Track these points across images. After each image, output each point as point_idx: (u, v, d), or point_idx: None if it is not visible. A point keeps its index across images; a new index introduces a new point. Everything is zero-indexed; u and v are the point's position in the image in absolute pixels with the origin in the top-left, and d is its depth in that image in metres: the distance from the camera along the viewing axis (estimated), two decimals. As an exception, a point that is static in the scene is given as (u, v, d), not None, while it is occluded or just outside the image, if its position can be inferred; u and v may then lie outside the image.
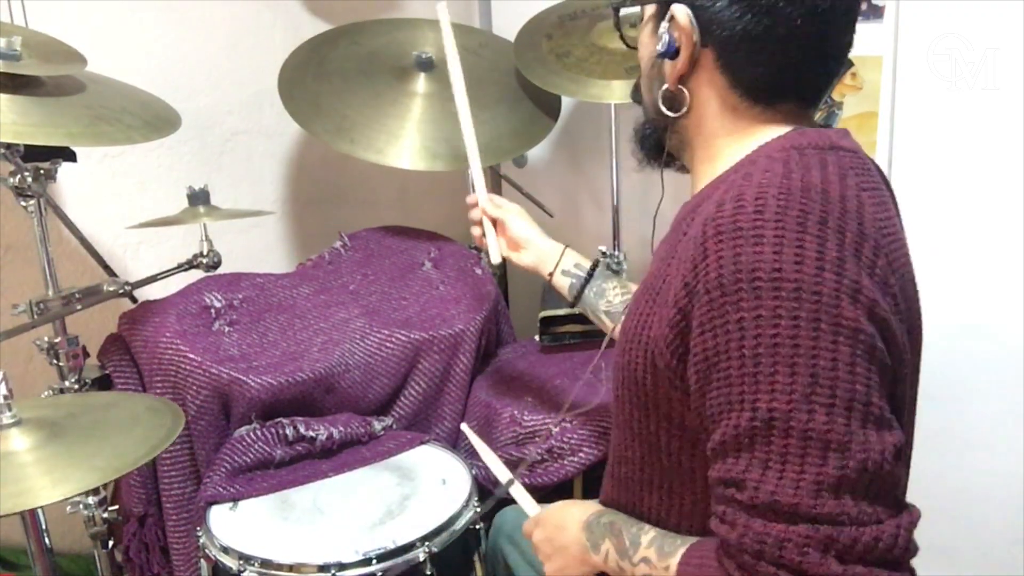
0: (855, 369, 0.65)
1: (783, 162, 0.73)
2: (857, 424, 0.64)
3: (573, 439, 1.45)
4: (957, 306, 1.55)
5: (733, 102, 0.81)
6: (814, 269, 0.65)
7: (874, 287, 0.67)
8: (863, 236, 0.68)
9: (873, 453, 0.64)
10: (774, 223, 0.67)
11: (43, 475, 0.95)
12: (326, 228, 1.91)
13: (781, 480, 0.65)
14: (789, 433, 0.65)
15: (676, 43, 0.80)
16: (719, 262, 0.68)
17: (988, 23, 1.42)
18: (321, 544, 1.23)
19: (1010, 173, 1.45)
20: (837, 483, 0.64)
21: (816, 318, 0.65)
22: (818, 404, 0.64)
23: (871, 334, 0.66)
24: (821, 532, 0.63)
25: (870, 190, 0.74)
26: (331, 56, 1.78)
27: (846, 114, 1.63)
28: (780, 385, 0.65)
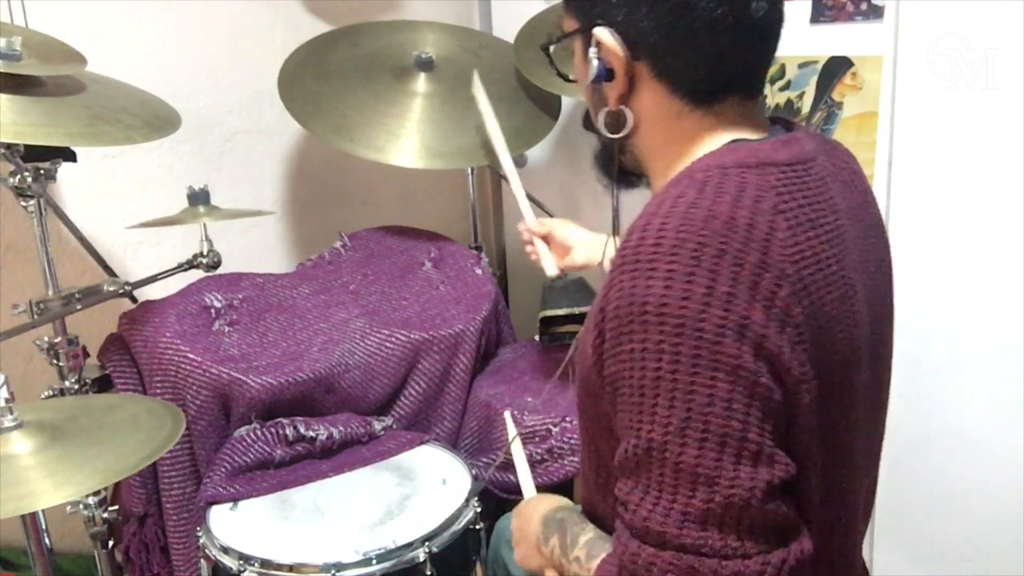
0: (732, 406, 0.66)
1: (700, 185, 0.73)
2: (729, 460, 0.66)
3: (573, 439, 1.45)
4: (957, 306, 1.55)
5: (676, 108, 0.81)
6: (700, 305, 0.66)
7: (768, 321, 0.67)
8: (764, 266, 0.68)
9: (741, 489, 0.65)
10: (669, 256, 0.68)
11: (45, 478, 0.95)
12: (326, 228, 1.91)
13: (655, 507, 0.67)
14: (664, 463, 0.67)
15: (607, 65, 0.81)
16: (619, 292, 0.70)
17: (988, 23, 1.41)
18: (321, 544, 1.23)
19: (1010, 173, 1.45)
20: (703, 515, 0.66)
21: (696, 355, 0.66)
22: (691, 438, 0.66)
23: (754, 370, 0.67)
24: (683, 560, 0.66)
25: (791, 211, 0.73)
26: (331, 56, 1.78)
27: (846, 114, 1.63)
28: (659, 417, 0.67)
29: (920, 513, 1.66)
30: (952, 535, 1.64)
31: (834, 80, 1.63)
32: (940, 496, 1.64)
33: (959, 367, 1.58)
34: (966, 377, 1.57)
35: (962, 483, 1.61)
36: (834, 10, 1.59)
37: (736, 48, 0.78)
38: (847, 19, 1.58)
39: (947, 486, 1.63)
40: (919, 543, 1.68)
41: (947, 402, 1.60)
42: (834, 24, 1.60)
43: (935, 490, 1.64)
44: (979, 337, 1.54)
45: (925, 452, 1.63)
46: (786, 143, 0.79)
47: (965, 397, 1.58)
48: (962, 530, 1.63)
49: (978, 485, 1.59)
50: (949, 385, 1.59)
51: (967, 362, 1.57)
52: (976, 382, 1.56)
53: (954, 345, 1.57)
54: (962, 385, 1.58)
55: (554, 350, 1.77)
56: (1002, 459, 1.55)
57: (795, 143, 0.80)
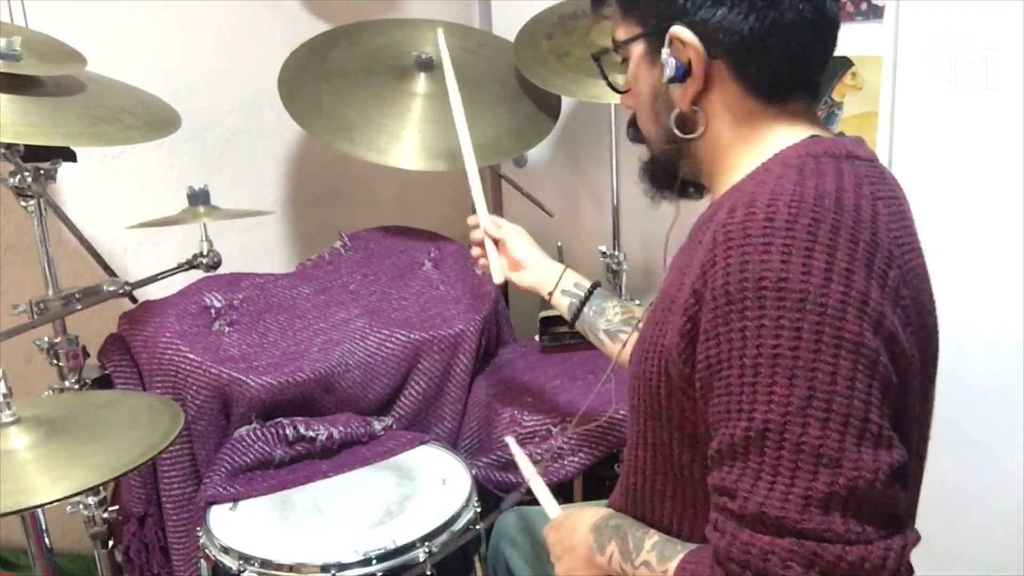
0: (855, 384, 0.64)
1: (798, 169, 0.72)
2: (852, 441, 0.64)
3: (573, 439, 1.45)
4: (957, 306, 1.55)
5: (749, 107, 0.81)
6: (821, 280, 0.65)
7: (883, 299, 0.66)
8: (876, 246, 0.68)
9: (865, 471, 0.64)
10: (784, 231, 0.66)
11: (42, 473, 0.95)
12: (326, 228, 1.91)
13: (771, 492, 0.65)
14: (782, 445, 0.64)
15: (684, 64, 0.80)
16: (726, 269, 0.68)
17: (988, 23, 1.42)
18: (321, 544, 1.23)
19: (1010, 173, 1.45)
20: (826, 499, 0.63)
21: (819, 331, 0.64)
22: (813, 418, 0.64)
23: (875, 349, 0.65)
24: (806, 547, 0.63)
25: (885, 199, 0.74)
26: (331, 57, 1.78)
27: (846, 114, 1.63)
28: (777, 396, 0.65)
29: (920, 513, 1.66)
30: (952, 535, 1.64)
31: (834, 80, 1.63)
32: (940, 496, 1.64)
33: (959, 366, 1.57)
34: (966, 377, 1.57)
35: (962, 483, 1.61)
36: (834, 10, 1.59)
37: (813, 45, 0.78)
38: (847, 19, 1.58)
39: (947, 486, 1.63)
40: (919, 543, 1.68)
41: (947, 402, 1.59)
42: (834, 24, 1.60)
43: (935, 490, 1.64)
44: (979, 337, 1.54)
45: (925, 452, 1.62)
46: (859, 142, 0.80)
47: (965, 397, 1.58)
48: (962, 530, 1.63)
49: (978, 485, 1.59)
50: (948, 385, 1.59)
51: (967, 362, 1.57)
52: (976, 382, 1.56)
53: (954, 345, 1.57)
54: (962, 385, 1.58)
55: (554, 350, 1.77)
56: (1002, 459, 1.55)
57: (865, 144, 0.80)
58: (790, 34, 0.76)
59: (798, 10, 0.75)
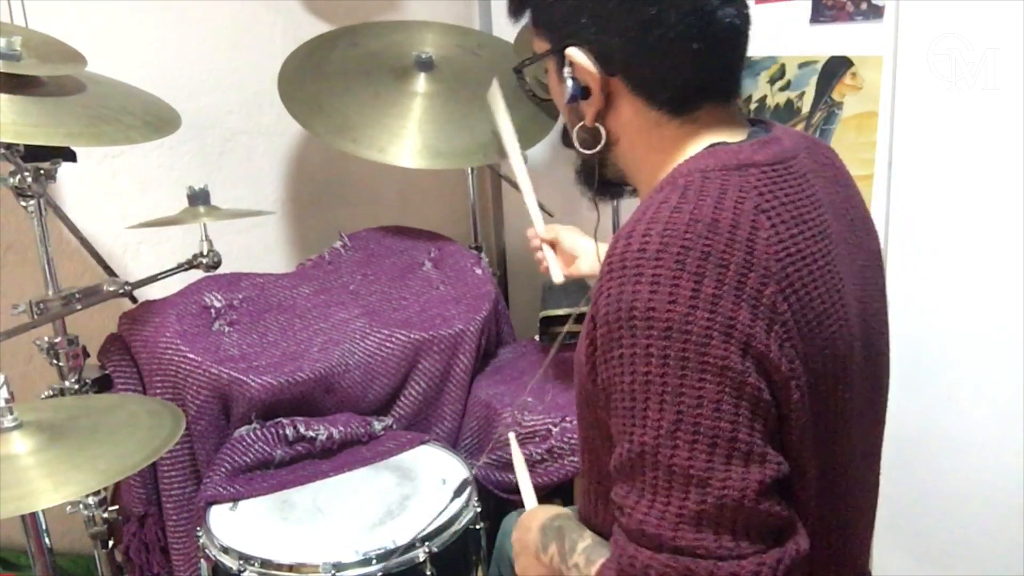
0: (721, 406, 0.67)
1: (682, 190, 0.74)
2: (720, 460, 0.66)
3: (573, 439, 1.45)
4: (957, 306, 1.55)
5: (655, 119, 0.82)
6: (687, 308, 0.67)
7: (755, 320, 0.68)
8: (750, 266, 0.69)
9: (732, 490, 0.66)
10: (654, 261, 0.69)
11: (44, 478, 0.95)
12: (326, 228, 1.91)
13: (650, 510, 0.68)
14: (657, 466, 0.68)
15: (582, 83, 0.82)
16: (607, 299, 0.71)
17: (988, 23, 1.41)
18: (321, 544, 1.23)
19: (1010, 173, 1.45)
20: (697, 517, 0.66)
21: (684, 357, 0.67)
22: (682, 440, 0.67)
23: (741, 371, 0.67)
24: (680, 562, 0.66)
25: (774, 209, 0.74)
26: (331, 57, 1.78)
27: (846, 114, 1.62)
28: (650, 420, 0.68)
29: (920, 513, 1.66)
30: (952, 535, 1.64)
31: (834, 80, 1.63)
32: (940, 496, 1.64)
33: (959, 367, 1.57)
34: (966, 377, 1.57)
35: (962, 483, 1.61)
36: (834, 10, 1.59)
37: (707, 56, 0.79)
38: (847, 19, 1.58)
39: (947, 486, 1.63)
40: (919, 543, 1.68)
41: (947, 402, 1.60)
42: (834, 24, 1.60)
43: (935, 490, 1.64)
44: (979, 337, 1.54)
45: (925, 452, 1.62)
46: (765, 143, 0.80)
47: (965, 397, 1.58)
48: (962, 530, 1.63)
49: (978, 485, 1.59)
50: (949, 385, 1.59)
51: (967, 362, 1.57)
52: (976, 382, 1.56)
53: (954, 345, 1.57)
54: (962, 385, 1.58)
55: (554, 350, 1.77)
56: (1002, 459, 1.55)
57: (774, 143, 0.81)
58: (679, 48, 0.77)
59: (685, 24, 0.76)
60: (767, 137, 0.81)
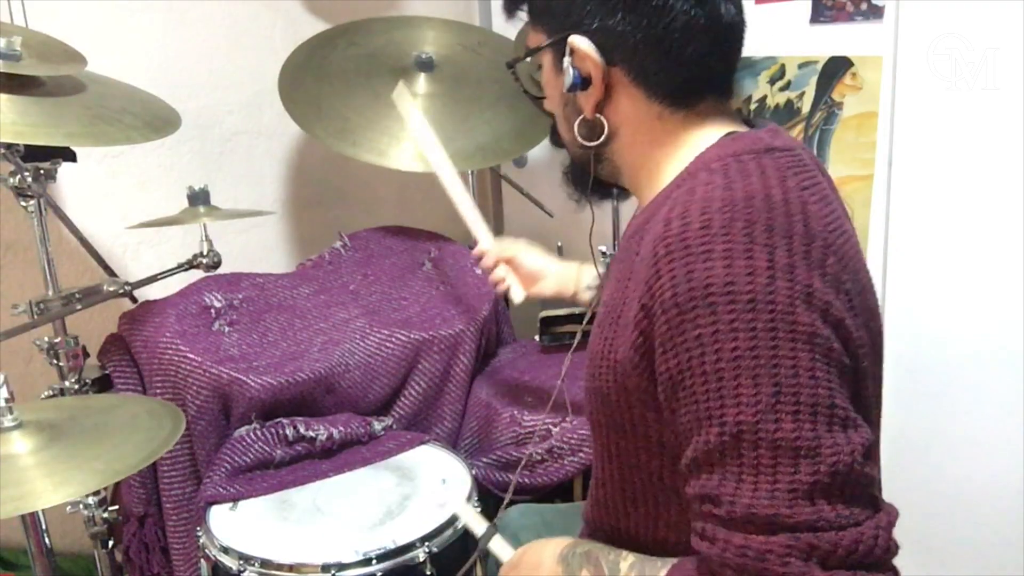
0: (816, 374, 0.66)
1: (723, 173, 0.74)
2: (824, 428, 0.65)
3: (573, 439, 1.45)
4: (957, 306, 1.55)
5: (657, 111, 0.82)
6: (766, 278, 0.66)
7: (826, 287, 0.68)
8: (811, 236, 0.69)
9: (843, 455, 0.65)
10: (722, 237, 0.68)
11: (44, 478, 0.95)
12: (326, 228, 1.91)
13: (756, 491, 0.65)
14: (759, 444, 0.65)
15: (583, 73, 0.82)
16: (672, 281, 0.69)
17: (988, 23, 1.41)
18: (321, 544, 1.23)
19: (1010, 173, 1.45)
20: (811, 489, 0.64)
21: (773, 327, 0.66)
22: (784, 412, 0.65)
23: (827, 336, 0.67)
24: (801, 540, 0.64)
25: (810, 187, 0.75)
26: (331, 58, 1.78)
27: (846, 114, 1.62)
28: (745, 397, 0.66)
29: (920, 513, 1.66)
30: (952, 535, 1.64)
31: (834, 80, 1.63)
32: (940, 496, 1.64)
33: (959, 367, 1.57)
34: (966, 377, 1.57)
35: (962, 483, 1.61)
36: (834, 10, 1.59)
37: (710, 49, 0.79)
38: (847, 19, 1.58)
39: (947, 486, 1.63)
40: (919, 543, 1.68)
41: (947, 402, 1.60)
42: (834, 24, 1.60)
43: (935, 490, 1.64)
44: (979, 337, 1.54)
45: (925, 452, 1.62)
46: (775, 132, 0.81)
47: (965, 397, 1.58)
48: (962, 530, 1.63)
49: (978, 485, 1.59)
50: (949, 385, 1.59)
51: (967, 362, 1.57)
52: (976, 382, 1.56)
53: (954, 345, 1.57)
54: (962, 385, 1.58)
55: (554, 350, 1.77)
56: (1002, 459, 1.55)
57: (781, 133, 0.81)
58: (684, 39, 0.77)
59: (690, 15, 0.77)
60: (771, 127, 0.82)
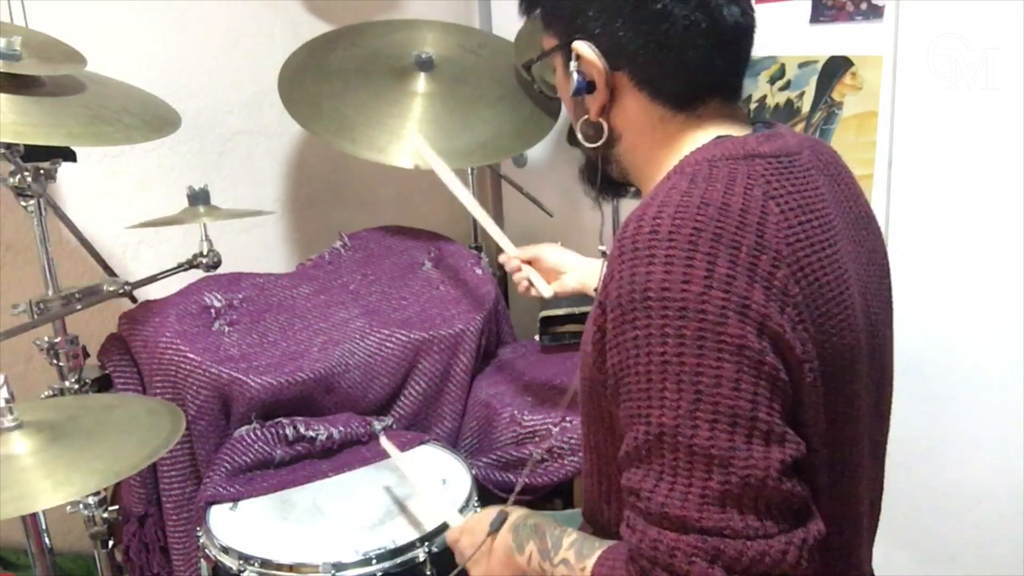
0: (740, 386, 0.66)
1: (691, 177, 0.74)
2: (741, 439, 0.66)
3: (573, 439, 1.45)
4: (957, 306, 1.55)
5: (659, 114, 0.83)
6: (701, 287, 0.67)
7: (768, 300, 0.68)
8: (761, 248, 0.70)
9: (756, 469, 0.65)
10: (667, 243, 0.69)
11: (44, 478, 0.95)
12: (326, 228, 1.91)
13: (671, 492, 0.67)
14: (677, 447, 0.67)
15: (587, 77, 0.83)
16: (619, 281, 0.71)
17: (988, 23, 1.41)
18: (321, 544, 1.23)
19: (1010, 173, 1.45)
20: (721, 497, 0.66)
21: (701, 336, 0.67)
22: (702, 420, 0.66)
23: (759, 349, 0.67)
24: (708, 543, 0.65)
25: (782, 196, 0.75)
26: (330, 58, 1.78)
27: (846, 114, 1.62)
28: (668, 401, 0.67)
29: (920, 513, 1.66)
30: (952, 535, 1.64)
31: (834, 80, 1.63)
32: (940, 496, 1.64)
33: (959, 366, 1.57)
34: (966, 376, 1.57)
35: (962, 483, 1.61)
36: (834, 10, 1.59)
37: (712, 53, 0.80)
38: (847, 19, 1.58)
39: (947, 487, 1.63)
40: (919, 543, 1.68)
41: (947, 402, 1.60)
42: (834, 24, 1.60)
43: (935, 491, 1.64)
44: (979, 337, 1.54)
45: (925, 453, 1.62)
46: (770, 137, 0.81)
47: (965, 397, 1.58)
48: (962, 530, 1.63)
49: (978, 485, 1.59)
50: (949, 384, 1.59)
51: (967, 362, 1.57)
52: (976, 382, 1.56)
53: (954, 345, 1.57)
54: (962, 384, 1.58)
55: (554, 350, 1.77)
56: (1002, 460, 1.55)
57: (778, 137, 0.81)
58: (685, 43, 0.78)
59: (691, 20, 0.77)
60: (771, 132, 0.82)
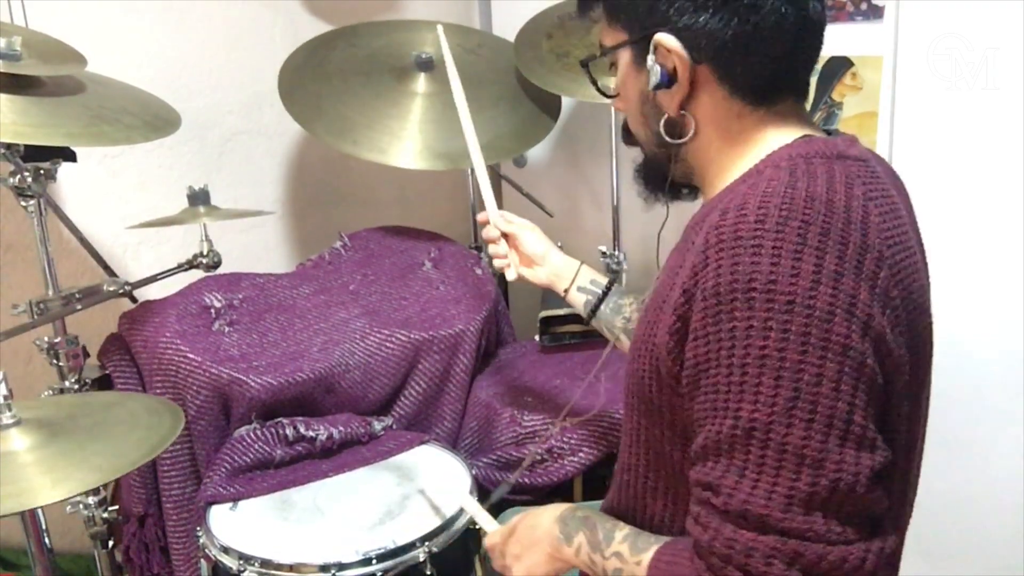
0: (840, 387, 0.65)
1: (789, 171, 0.73)
2: (835, 442, 0.65)
3: (573, 439, 1.45)
4: (957, 307, 1.55)
5: (737, 110, 0.81)
6: (810, 283, 0.66)
7: (872, 301, 0.67)
8: (866, 247, 0.68)
9: (846, 474, 0.64)
10: (774, 234, 0.67)
11: (43, 475, 0.95)
12: (326, 228, 1.91)
13: (755, 489, 0.66)
14: (767, 444, 0.66)
15: (669, 70, 0.81)
16: (717, 271, 0.69)
17: (988, 23, 1.42)
18: (321, 544, 1.23)
19: (1010, 173, 1.45)
20: (808, 498, 0.64)
21: (806, 332, 0.65)
22: (798, 419, 0.65)
23: (862, 351, 0.66)
24: (788, 545, 0.64)
25: (877, 199, 0.74)
26: (330, 58, 1.78)
27: (846, 114, 1.63)
28: (764, 396, 0.66)
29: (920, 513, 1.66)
30: (952, 535, 1.64)
31: (834, 80, 1.63)
32: (940, 496, 1.64)
33: (959, 367, 1.58)
34: (966, 377, 1.57)
35: (962, 483, 1.61)
36: (834, 10, 1.59)
37: (797, 47, 0.79)
38: (847, 19, 1.58)
39: (947, 486, 1.63)
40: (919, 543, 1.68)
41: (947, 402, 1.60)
42: (834, 24, 1.60)
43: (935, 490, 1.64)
44: (979, 337, 1.54)
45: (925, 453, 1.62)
46: (850, 141, 0.80)
47: (965, 397, 1.58)
48: (962, 530, 1.63)
49: (978, 485, 1.59)
50: (949, 385, 1.59)
51: (967, 362, 1.57)
52: (977, 382, 1.56)
53: (954, 345, 1.57)
54: (962, 385, 1.58)
55: (554, 350, 1.77)
56: (1002, 459, 1.55)
57: (857, 143, 0.81)
58: (773, 37, 0.77)
59: (780, 13, 0.76)
60: (846, 136, 0.82)
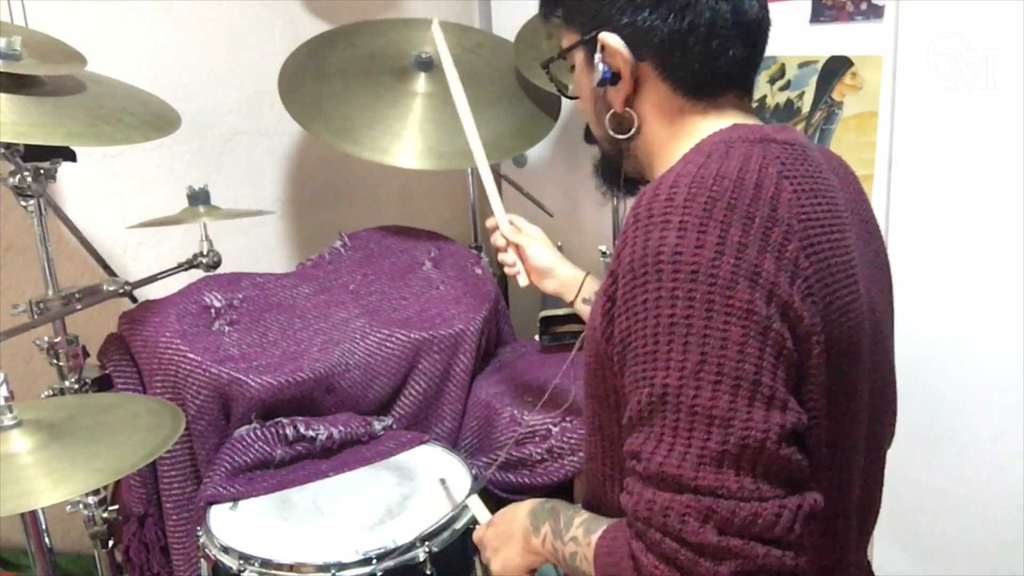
0: (745, 349, 0.67)
1: (707, 154, 0.77)
2: (743, 402, 0.67)
3: (573, 439, 1.45)
4: (957, 306, 1.55)
5: (679, 105, 0.85)
6: (713, 253, 0.69)
7: (779, 270, 0.70)
8: (774, 221, 0.72)
9: (756, 431, 0.66)
10: (681, 209, 0.71)
11: (44, 476, 0.95)
12: (326, 228, 1.91)
13: (670, 452, 0.68)
14: (679, 408, 0.68)
15: (613, 68, 0.85)
16: (632, 247, 0.72)
17: (988, 23, 1.42)
18: (321, 544, 1.23)
19: (1010, 173, 1.45)
20: (719, 457, 0.66)
21: (710, 299, 0.68)
22: (706, 381, 0.67)
23: (767, 316, 0.68)
24: (702, 503, 0.66)
25: (795, 178, 0.77)
26: (330, 58, 1.78)
27: (846, 114, 1.63)
28: (673, 362, 0.68)
29: (920, 513, 1.66)
30: (952, 535, 1.64)
31: (834, 80, 1.63)
32: (940, 496, 1.64)
33: (959, 367, 1.58)
34: (966, 377, 1.57)
35: (962, 483, 1.61)
36: (834, 10, 1.59)
37: (734, 44, 0.82)
38: (847, 19, 1.58)
39: (947, 486, 1.63)
40: (919, 543, 1.68)
41: (947, 402, 1.60)
42: (834, 24, 1.60)
43: (935, 490, 1.64)
44: (979, 337, 1.54)
45: (925, 452, 1.63)
46: (782, 128, 0.83)
47: (965, 397, 1.58)
48: (962, 530, 1.63)
49: (978, 485, 1.59)
50: (949, 385, 1.59)
51: (967, 362, 1.57)
52: (976, 382, 1.56)
53: (954, 345, 1.57)
54: (962, 385, 1.58)
55: (554, 350, 1.77)
56: (1002, 459, 1.55)
57: (790, 130, 0.84)
58: (709, 34, 0.81)
59: (715, 10, 0.80)
60: (784, 125, 0.85)
